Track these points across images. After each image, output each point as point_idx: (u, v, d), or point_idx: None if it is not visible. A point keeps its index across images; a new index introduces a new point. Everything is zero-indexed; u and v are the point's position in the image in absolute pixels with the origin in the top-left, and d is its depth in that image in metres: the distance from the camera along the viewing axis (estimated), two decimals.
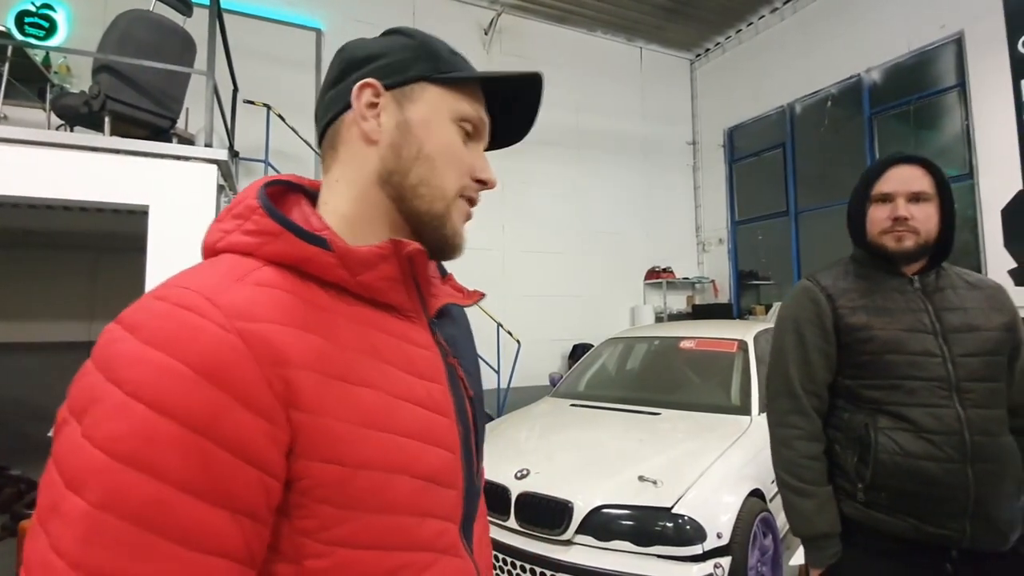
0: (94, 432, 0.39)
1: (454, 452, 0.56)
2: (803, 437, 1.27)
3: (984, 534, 1.13)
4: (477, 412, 0.63)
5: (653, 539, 2.04)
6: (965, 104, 5.01)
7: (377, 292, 0.54)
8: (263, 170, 5.00)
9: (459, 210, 0.59)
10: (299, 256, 0.50)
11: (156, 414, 0.39)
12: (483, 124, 0.60)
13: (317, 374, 0.46)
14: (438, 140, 0.57)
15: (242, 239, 0.51)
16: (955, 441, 1.14)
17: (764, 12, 6.90)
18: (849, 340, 1.25)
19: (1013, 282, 4.48)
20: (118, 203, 2.54)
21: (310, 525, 0.46)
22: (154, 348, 0.41)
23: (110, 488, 0.38)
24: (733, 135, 7.55)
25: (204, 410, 0.40)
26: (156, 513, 0.38)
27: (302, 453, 0.45)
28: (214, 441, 0.40)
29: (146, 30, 2.81)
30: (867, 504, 1.20)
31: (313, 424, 0.45)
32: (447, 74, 0.57)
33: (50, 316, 4.63)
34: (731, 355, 3.24)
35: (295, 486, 0.45)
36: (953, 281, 1.29)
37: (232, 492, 0.41)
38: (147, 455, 0.39)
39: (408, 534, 0.50)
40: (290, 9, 5.67)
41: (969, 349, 1.20)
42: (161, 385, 0.40)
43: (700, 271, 7.81)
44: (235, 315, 0.44)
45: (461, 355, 0.64)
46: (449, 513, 0.55)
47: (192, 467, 0.39)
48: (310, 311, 0.48)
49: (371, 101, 0.56)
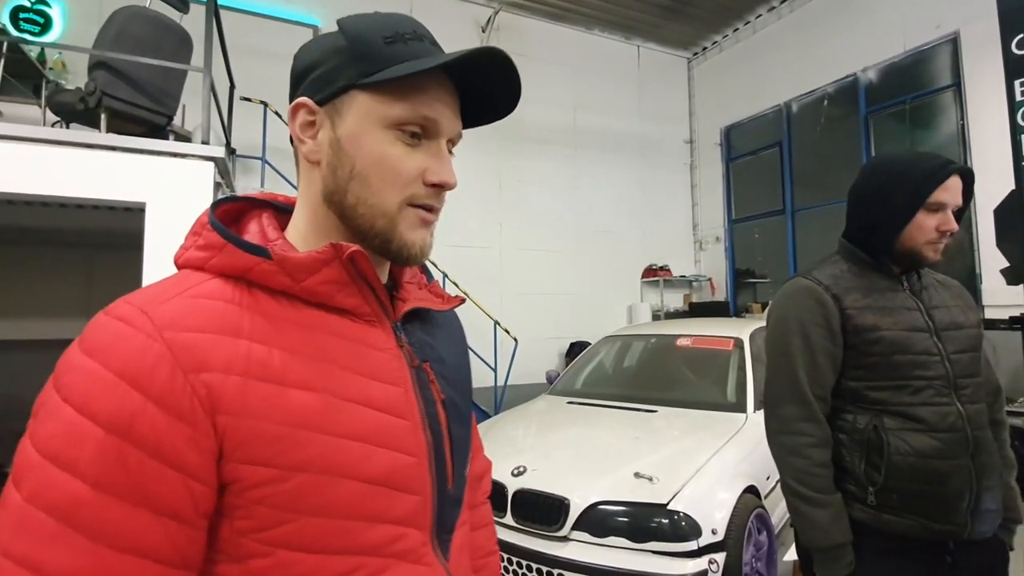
0: (34, 432, 0.44)
1: (416, 455, 0.55)
2: (815, 444, 1.21)
3: (979, 524, 1.16)
4: (451, 416, 0.61)
5: (649, 535, 2.05)
6: (960, 104, 5.03)
7: (325, 296, 0.54)
8: (260, 167, 4.99)
9: (407, 221, 0.56)
10: (241, 266, 0.52)
11: (81, 416, 0.42)
12: (431, 120, 0.55)
13: (244, 378, 0.47)
14: (369, 155, 0.54)
15: (195, 254, 0.54)
16: (960, 438, 1.15)
17: (761, 11, 6.91)
18: (857, 341, 1.21)
19: (1005, 281, 4.51)
20: (114, 200, 2.53)
21: (248, 525, 0.47)
22: (88, 356, 0.45)
23: (38, 483, 0.41)
24: (730, 134, 7.57)
25: (124, 413, 0.42)
26: (76, 509, 0.41)
27: (230, 456, 0.46)
28: (132, 443, 0.42)
29: (142, 26, 2.80)
30: (878, 507, 1.17)
31: (238, 426, 0.46)
32: (372, 78, 0.53)
33: (45, 314, 4.61)
34: (727, 353, 3.26)
35: (230, 488, 0.46)
36: (930, 280, 1.31)
37: (152, 493, 0.43)
38: (70, 454, 0.42)
39: (353, 537, 0.50)
40: (287, 6, 5.66)
41: (959, 346, 1.22)
42: (87, 389, 0.43)
43: (697, 269, 7.83)
44: (164, 325, 0.46)
45: (437, 359, 0.62)
46: (408, 518, 0.54)
47: (111, 467, 0.42)
48: (248, 318, 0.50)
49: (307, 120, 0.56)
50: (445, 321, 0.70)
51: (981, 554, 1.20)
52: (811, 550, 1.22)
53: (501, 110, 0.62)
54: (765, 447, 1.34)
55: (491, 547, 0.80)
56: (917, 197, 1.19)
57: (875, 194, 1.25)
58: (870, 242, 1.27)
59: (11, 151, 2.35)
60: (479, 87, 0.58)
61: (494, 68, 0.56)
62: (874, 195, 1.25)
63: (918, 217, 1.19)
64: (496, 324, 5.47)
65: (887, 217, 1.22)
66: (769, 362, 1.33)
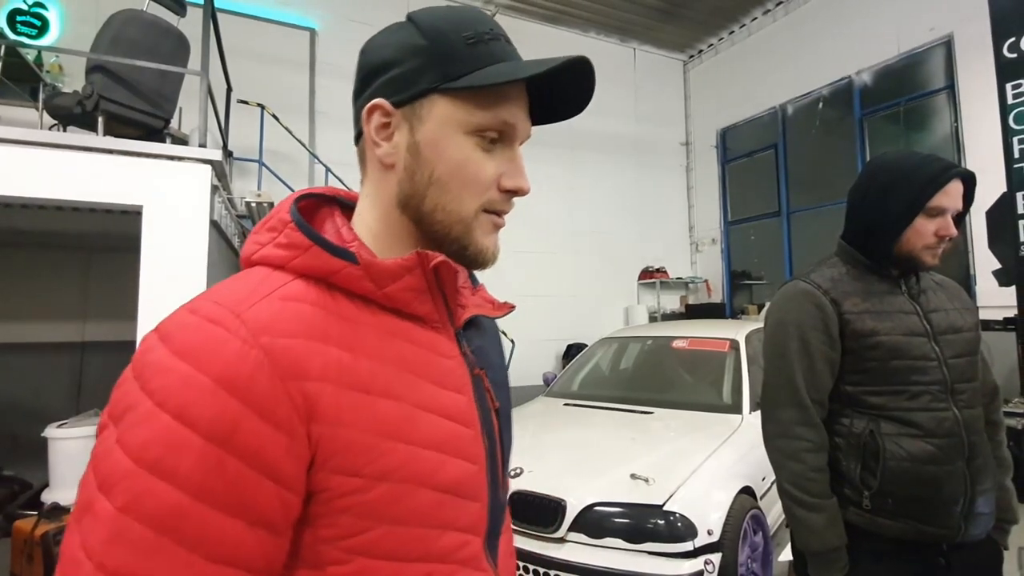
0: (125, 438, 0.41)
1: (478, 464, 0.55)
2: (812, 449, 1.21)
3: (973, 527, 1.17)
4: (503, 424, 0.62)
5: (645, 536, 2.06)
6: (954, 106, 5.07)
7: (403, 303, 0.53)
8: (257, 170, 5.00)
9: (482, 227, 0.56)
10: (327, 269, 0.51)
11: (179, 424, 0.41)
12: (510, 126, 0.54)
13: (337, 386, 0.46)
14: (450, 161, 0.53)
15: (275, 252, 0.52)
16: (955, 443, 1.15)
17: (756, 14, 6.95)
18: (855, 346, 1.20)
19: (997, 283, 4.54)
20: (111, 203, 2.53)
21: (331, 534, 0.47)
22: (181, 359, 0.42)
23: (134, 493, 0.40)
24: (726, 136, 7.60)
25: (223, 422, 0.41)
26: (174, 520, 0.40)
27: (322, 465, 0.45)
28: (232, 453, 0.41)
29: (140, 30, 2.81)
30: (873, 511, 1.18)
31: (332, 436, 0.45)
32: (457, 83, 0.51)
33: (42, 317, 4.60)
34: (723, 354, 3.27)
35: (317, 497, 0.46)
36: (928, 283, 1.30)
37: (249, 503, 0.42)
38: (169, 463, 0.40)
39: (426, 545, 0.50)
40: (284, 9, 5.67)
41: (957, 351, 1.21)
42: (185, 396, 0.41)
43: (693, 271, 7.85)
44: (259, 330, 0.45)
45: (488, 366, 0.62)
46: (472, 526, 0.55)
47: (210, 477, 0.41)
48: (335, 323, 0.49)
49: (382, 123, 0.54)
50: (489, 326, 0.70)
51: (974, 555, 1.20)
52: (807, 553, 1.22)
53: (568, 113, 0.60)
54: (761, 448, 1.34)
55: (511, 548, 0.82)
56: (917, 202, 1.17)
57: (875, 197, 1.23)
58: (869, 244, 1.26)
59: (8, 154, 2.35)
60: (550, 90, 0.57)
61: (573, 75, 0.54)
62: (874, 198, 1.23)
63: (917, 222, 1.18)
64: None
65: (886, 221, 1.20)
66: (767, 366, 1.33)
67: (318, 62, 5.81)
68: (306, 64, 5.78)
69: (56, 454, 2.97)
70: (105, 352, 4.64)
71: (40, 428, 3.02)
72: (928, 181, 1.17)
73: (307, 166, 5.58)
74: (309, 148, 5.44)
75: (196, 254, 2.60)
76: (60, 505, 2.67)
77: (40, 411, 3.92)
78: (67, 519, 2.56)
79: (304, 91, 5.73)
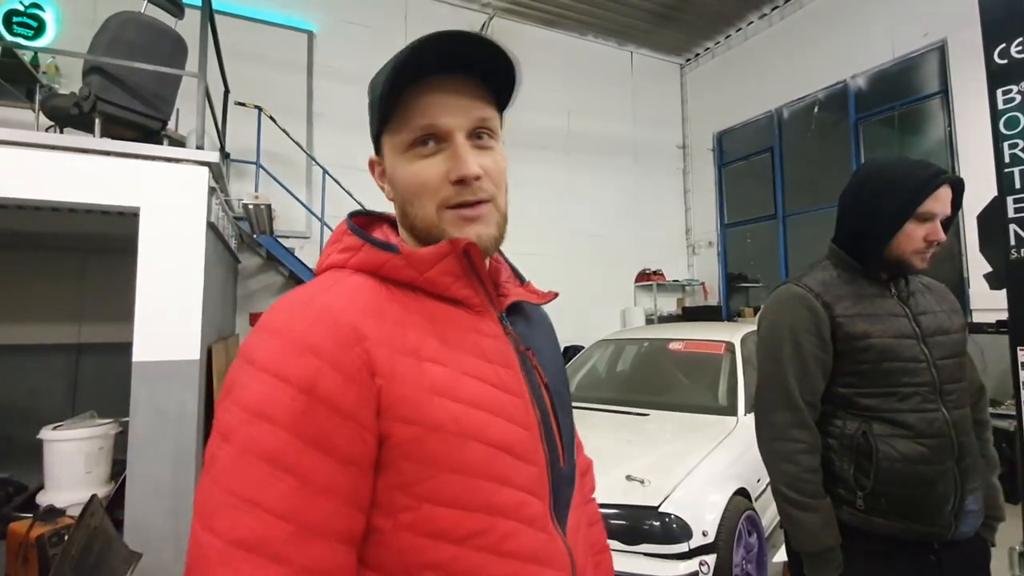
0: (238, 397, 0.52)
1: (529, 430, 0.61)
2: (806, 451, 1.23)
3: (963, 525, 1.19)
4: (556, 400, 0.68)
5: (640, 537, 2.07)
6: (948, 110, 5.11)
7: (443, 287, 0.62)
8: (255, 172, 5.00)
9: (452, 224, 0.62)
10: (376, 262, 0.61)
11: (276, 379, 0.51)
12: (432, 126, 0.60)
13: (390, 350, 0.55)
14: (402, 180, 0.63)
15: (337, 256, 0.64)
16: (945, 443, 1.17)
17: (753, 18, 6.99)
18: (847, 349, 1.22)
19: (988, 286, 4.57)
20: (108, 205, 2.54)
21: (399, 480, 0.54)
22: (274, 335, 0.54)
23: (249, 435, 0.50)
24: (722, 139, 7.64)
25: (307, 374, 0.51)
26: (280, 454, 0.49)
27: (384, 413, 0.54)
28: (317, 399, 0.51)
29: (137, 32, 2.81)
30: (866, 511, 1.20)
31: (390, 389, 0.54)
32: (378, 125, 0.64)
33: (37, 318, 4.59)
34: (719, 357, 3.28)
35: (385, 444, 0.54)
36: (916, 285, 1.32)
37: (335, 442, 0.51)
38: (271, 410, 0.50)
39: (485, 496, 0.56)
40: (282, 11, 5.67)
41: (946, 352, 1.23)
42: (277, 358, 0.52)
43: (690, 273, 7.88)
44: (329, 307, 0.55)
45: (537, 349, 0.69)
46: (531, 487, 0.60)
47: (303, 419, 0.50)
48: (386, 304, 0.59)
49: (380, 171, 0.68)
50: (540, 319, 0.80)
51: (964, 552, 1.22)
52: (802, 553, 1.24)
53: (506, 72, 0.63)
54: (755, 450, 1.35)
55: (604, 543, 0.85)
56: (907, 207, 1.19)
57: (866, 202, 1.25)
58: (859, 248, 1.28)
59: (4, 155, 2.35)
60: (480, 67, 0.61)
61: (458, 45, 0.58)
62: (865, 203, 1.25)
63: (908, 227, 1.20)
64: None
65: (878, 225, 1.22)
66: (760, 369, 1.34)
67: (316, 64, 5.81)
68: (304, 66, 5.78)
69: (51, 456, 2.96)
70: (101, 354, 4.63)
71: (35, 430, 3.01)
72: (919, 186, 1.19)
73: (305, 168, 5.59)
74: (307, 150, 5.44)
75: (193, 255, 2.60)
76: (55, 507, 2.66)
77: (35, 413, 3.91)
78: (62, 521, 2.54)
79: (302, 93, 5.74)
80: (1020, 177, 2.07)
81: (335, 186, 5.17)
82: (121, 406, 2.62)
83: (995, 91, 2.13)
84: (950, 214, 1.24)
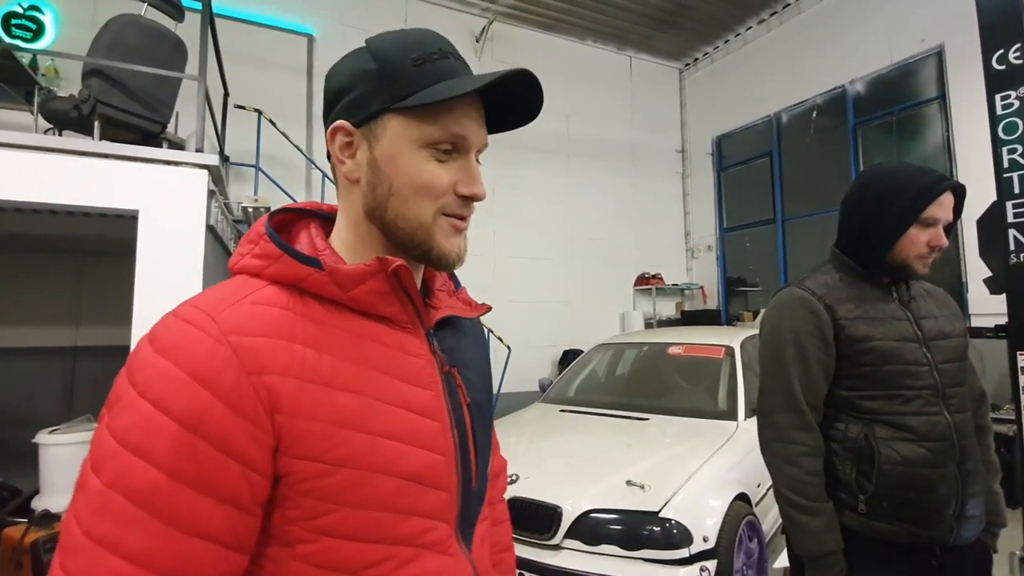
0: (112, 423, 0.47)
1: (445, 455, 0.59)
2: (809, 454, 1.23)
3: (964, 530, 1.18)
4: (476, 418, 0.65)
5: (641, 543, 2.06)
6: (945, 116, 5.13)
7: (368, 305, 0.58)
8: (254, 175, 4.99)
9: (442, 231, 0.59)
10: (296, 275, 0.56)
11: (157, 411, 0.46)
12: (460, 137, 0.58)
13: (299, 380, 0.51)
14: (405, 173, 0.57)
15: (251, 262, 0.58)
16: (947, 447, 1.17)
17: (751, 23, 7.02)
18: (850, 351, 1.22)
19: (988, 291, 4.58)
20: (107, 207, 2.53)
21: (296, 515, 0.51)
22: (161, 356, 0.48)
23: (118, 471, 0.45)
24: (721, 143, 7.65)
25: (195, 409, 0.46)
26: (152, 495, 0.45)
27: (285, 451, 0.50)
28: (202, 437, 0.46)
29: (137, 34, 2.81)
30: (868, 515, 1.19)
31: (292, 425, 0.50)
32: (404, 103, 0.56)
33: (34, 321, 4.57)
34: (718, 361, 3.28)
35: (283, 481, 0.51)
36: (918, 290, 1.33)
37: (218, 483, 0.47)
38: (148, 445, 0.45)
39: (387, 529, 0.54)
40: (282, 14, 5.68)
41: (947, 356, 1.24)
42: (162, 387, 0.47)
43: (689, 277, 7.88)
44: (229, 330, 0.50)
45: (463, 364, 0.66)
46: (438, 512, 0.58)
47: (183, 458, 0.46)
48: (302, 324, 0.54)
49: (344, 142, 0.59)
50: (470, 327, 0.75)
51: (966, 558, 1.22)
52: (804, 557, 1.23)
53: (523, 120, 0.65)
54: (756, 455, 1.36)
55: (507, 543, 0.85)
56: (911, 212, 1.20)
57: (869, 207, 1.26)
58: (862, 252, 1.28)
59: (3, 158, 2.35)
60: (503, 99, 0.61)
61: (519, 85, 0.59)
62: (868, 208, 1.26)
63: (911, 232, 1.21)
64: (489, 332, 5.47)
65: (881, 230, 1.23)
66: (763, 371, 1.34)
67: (316, 68, 5.81)
68: (303, 70, 5.79)
69: (47, 460, 2.94)
70: (97, 357, 4.61)
71: (31, 434, 2.99)
72: (922, 192, 1.20)
73: (304, 171, 5.58)
74: (306, 153, 5.44)
75: (192, 259, 2.59)
76: (51, 512, 2.64)
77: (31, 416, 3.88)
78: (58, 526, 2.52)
79: (301, 96, 5.74)
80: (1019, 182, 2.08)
81: (334, 190, 5.16)
82: None
83: (993, 96, 2.14)
84: (952, 220, 1.24)
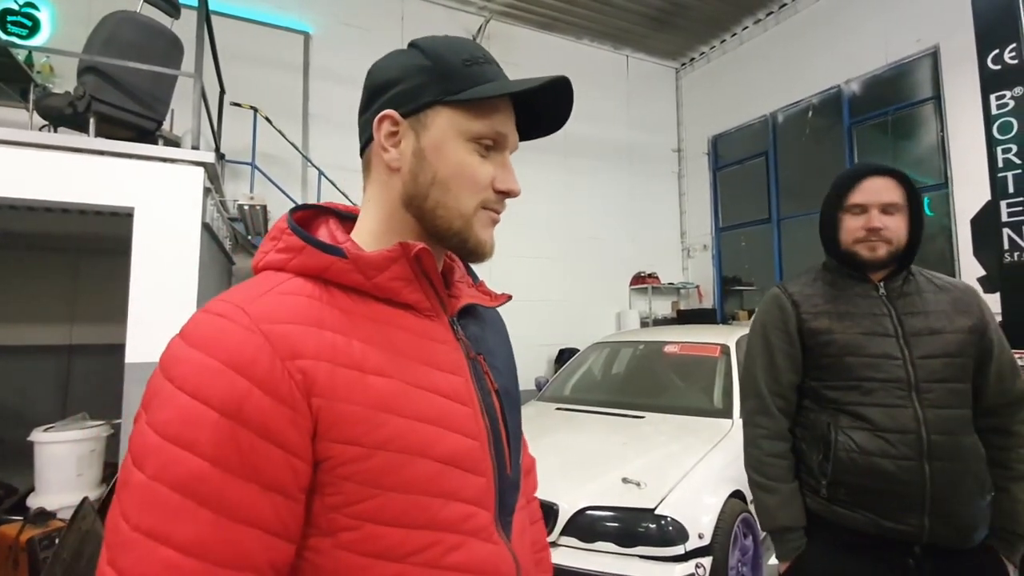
0: (152, 419, 0.47)
1: (479, 440, 0.59)
2: (767, 436, 1.34)
3: (943, 531, 1.16)
4: (505, 405, 0.66)
5: (636, 540, 2.07)
6: (940, 116, 5.16)
7: (392, 292, 0.59)
8: (250, 173, 4.98)
9: (481, 222, 0.62)
10: (319, 265, 0.57)
11: (196, 401, 0.47)
12: (502, 135, 0.61)
13: (331, 364, 0.52)
14: (450, 164, 0.59)
15: (275, 257, 0.59)
16: (911, 439, 1.17)
17: (748, 23, 7.04)
18: (812, 343, 1.31)
19: (982, 290, 4.61)
20: (102, 205, 2.52)
21: (337, 501, 0.51)
22: (195, 349, 0.49)
23: (161, 463, 0.46)
24: (717, 143, 7.67)
25: (233, 397, 0.47)
26: (198, 484, 0.45)
27: (323, 435, 0.50)
28: (242, 424, 0.47)
29: (133, 31, 2.80)
30: (829, 499, 1.25)
31: (329, 408, 0.50)
32: (459, 95, 0.58)
33: (28, 319, 4.55)
34: (714, 359, 3.29)
35: (322, 466, 0.51)
36: (920, 286, 1.32)
37: (260, 469, 0.47)
38: (189, 435, 0.46)
39: (431, 514, 0.54)
40: (278, 12, 5.66)
41: (930, 351, 1.22)
42: (198, 378, 0.47)
43: (685, 276, 7.90)
44: (261, 319, 0.51)
45: (488, 352, 0.67)
46: (478, 498, 0.58)
47: (225, 446, 0.46)
48: (328, 312, 0.55)
49: (390, 131, 0.61)
50: (492, 319, 0.76)
51: (962, 564, 1.19)
52: (765, 531, 1.34)
53: (549, 129, 0.68)
54: None
55: (544, 542, 0.86)
56: (838, 202, 1.32)
57: (822, 207, 1.38)
58: (830, 250, 1.37)
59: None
60: (536, 108, 0.65)
61: (555, 93, 0.62)
62: (823, 208, 1.38)
63: (844, 220, 1.31)
64: None
65: (823, 225, 1.36)
66: (742, 363, 1.48)
67: (312, 66, 5.81)
68: (300, 67, 5.77)
69: (42, 458, 2.93)
70: (92, 355, 4.59)
71: (26, 432, 2.98)
72: (843, 182, 1.31)
73: (300, 169, 5.57)
74: (302, 151, 5.43)
75: (187, 256, 2.59)
76: (46, 510, 2.63)
77: (26, 414, 3.88)
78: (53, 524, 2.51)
79: (298, 94, 5.73)
80: (1013, 181, 2.10)
81: (330, 187, 5.16)
82: (113, 408, 2.60)
83: (988, 96, 2.16)
84: (896, 201, 1.27)
